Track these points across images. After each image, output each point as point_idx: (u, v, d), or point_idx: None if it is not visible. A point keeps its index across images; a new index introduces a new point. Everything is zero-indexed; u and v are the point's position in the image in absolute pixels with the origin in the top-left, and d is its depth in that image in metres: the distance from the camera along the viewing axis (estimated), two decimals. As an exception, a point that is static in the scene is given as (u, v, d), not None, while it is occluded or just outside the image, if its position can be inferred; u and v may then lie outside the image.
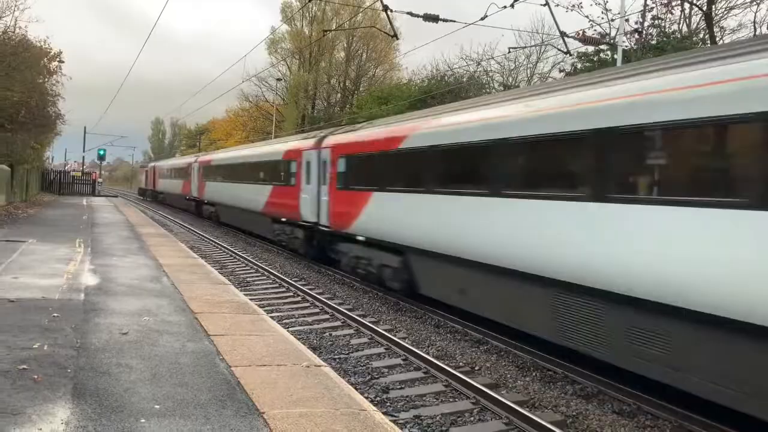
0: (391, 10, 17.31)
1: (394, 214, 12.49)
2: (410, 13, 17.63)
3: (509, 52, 28.22)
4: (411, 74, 44.86)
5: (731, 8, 25.58)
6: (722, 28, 25.89)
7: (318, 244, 17.47)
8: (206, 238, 24.92)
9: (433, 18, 17.26)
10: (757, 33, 24.37)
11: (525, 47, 33.19)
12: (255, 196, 22.73)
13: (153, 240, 18.12)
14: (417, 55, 74.24)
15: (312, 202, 16.83)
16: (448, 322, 11.25)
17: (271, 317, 9.45)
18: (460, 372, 8.28)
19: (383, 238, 12.84)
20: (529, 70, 37.37)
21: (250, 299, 10.55)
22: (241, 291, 11.40)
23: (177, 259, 14.33)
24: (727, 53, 6.49)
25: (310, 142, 17.81)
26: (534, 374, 8.62)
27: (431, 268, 11.49)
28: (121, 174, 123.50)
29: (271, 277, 15.95)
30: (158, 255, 14.52)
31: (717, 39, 24.23)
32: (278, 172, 20.31)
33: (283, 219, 19.53)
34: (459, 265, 10.25)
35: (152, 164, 59.47)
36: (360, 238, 13.95)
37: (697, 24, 27.02)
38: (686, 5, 26.22)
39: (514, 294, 9.14)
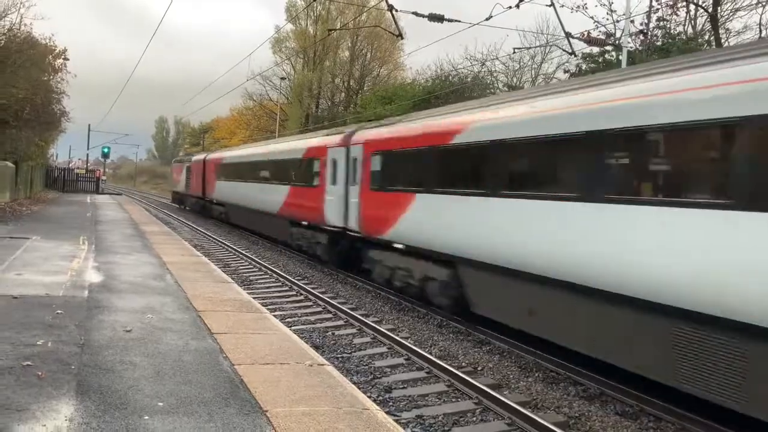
0: (396, 10, 17.36)
1: None
2: (415, 13, 17.62)
3: (514, 52, 28.10)
4: (415, 74, 44.90)
5: (737, 10, 25.52)
6: (727, 29, 25.89)
7: None
8: (210, 236, 24.95)
9: (438, 18, 17.25)
10: (763, 35, 24.30)
11: (530, 48, 33.27)
12: None
13: (156, 238, 18.14)
14: (421, 55, 74.38)
15: None
16: (451, 323, 11.24)
17: (274, 316, 9.47)
18: (463, 372, 8.28)
19: None
20: (533, 71, 37.40)
21: (254, 298, 10.58)
22: (244, 289, 11.41)
23: (180, 257, 14.35)
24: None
25: None
26: (537, 375, 8.62)
27: None
28: (125, 172, 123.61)
29: (275, 275, 15.97)
30: (162, 253, 14.54)
31: (722, 41, 24.17)
32: None
33: None
34: None
35: (202, 156, 36.50)
36: None
37: (703, 26, 26.97)
38: (691, 7, 26.19)
39: None
